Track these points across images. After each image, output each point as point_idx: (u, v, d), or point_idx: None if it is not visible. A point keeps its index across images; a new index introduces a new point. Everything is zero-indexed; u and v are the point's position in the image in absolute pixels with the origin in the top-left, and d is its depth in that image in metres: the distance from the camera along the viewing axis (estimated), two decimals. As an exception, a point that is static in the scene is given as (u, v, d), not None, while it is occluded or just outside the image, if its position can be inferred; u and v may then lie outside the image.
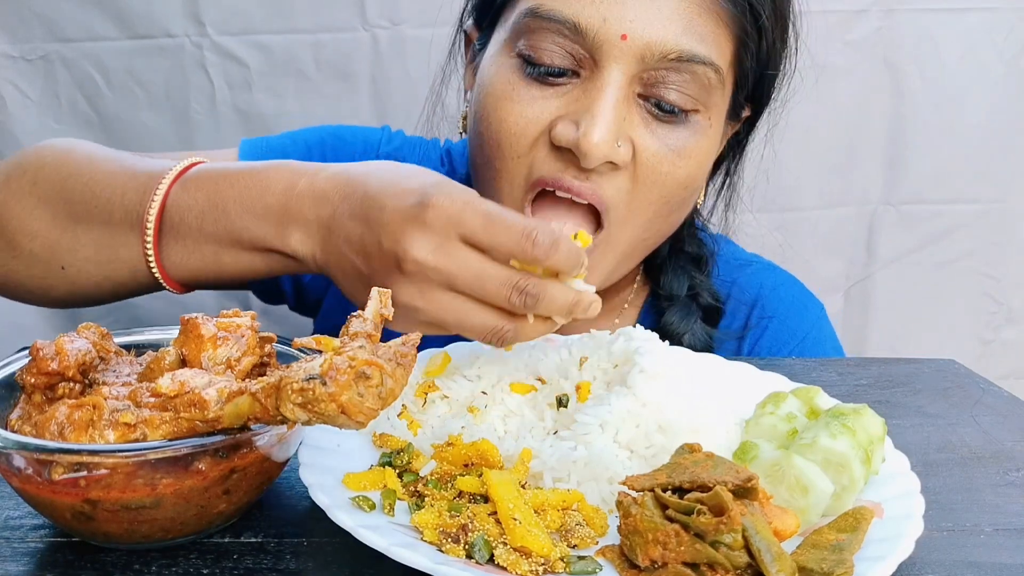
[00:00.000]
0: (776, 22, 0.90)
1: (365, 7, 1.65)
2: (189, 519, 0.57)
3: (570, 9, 0.82)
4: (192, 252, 0.80)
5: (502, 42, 0.90)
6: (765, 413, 0.72)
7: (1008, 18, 1.70)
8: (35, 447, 0.53)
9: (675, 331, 1.04)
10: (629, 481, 0.59)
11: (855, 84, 1.70)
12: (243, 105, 1.69)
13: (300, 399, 0.51)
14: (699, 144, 0.89)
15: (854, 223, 1.81)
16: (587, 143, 0.81)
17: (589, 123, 0.81)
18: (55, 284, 0.86)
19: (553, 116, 0.85)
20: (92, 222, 0.83)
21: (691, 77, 0.84)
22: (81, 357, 0.61)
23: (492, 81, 0.89)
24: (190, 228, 0.79)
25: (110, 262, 0.83)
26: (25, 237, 0.85)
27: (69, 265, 0.84)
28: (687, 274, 1.08)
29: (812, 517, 0.61)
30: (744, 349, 1.10)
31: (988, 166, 1.78)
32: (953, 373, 0.97)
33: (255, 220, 0.77)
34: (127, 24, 1.64)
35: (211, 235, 0.79)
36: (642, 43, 0.82)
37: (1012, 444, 0.79)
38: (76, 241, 0.83)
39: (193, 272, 0.81)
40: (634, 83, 0.84)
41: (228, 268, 0.80)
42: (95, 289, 0.86)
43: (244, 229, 0.78)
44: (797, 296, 1.15)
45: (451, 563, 0.53)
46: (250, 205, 0.77)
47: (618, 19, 0.81)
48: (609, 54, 0.82)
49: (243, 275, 0.81)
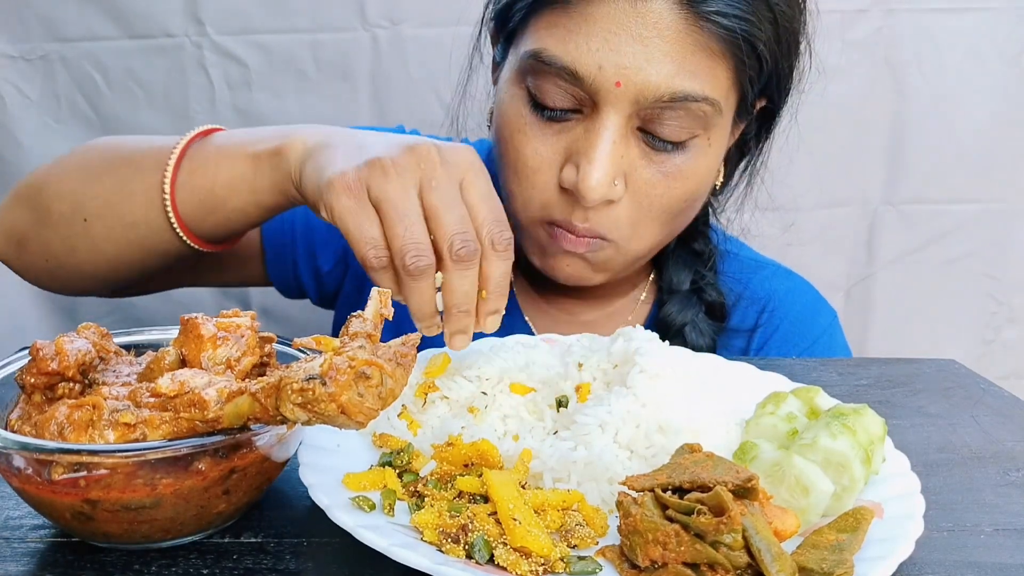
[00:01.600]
0: (779, 41, 0.91)
1: (365, 7, 1.64)
2: (189, 519, 0.57)
3: (568, 57, 0.87)
4: (201, 172, 0.86)
5: (514, 71, 0.94)
6: (765, 413, 0.72)
7: (1008, 18, 1.70)
8: (35, 447, 0.53)
9: (673, 322, 1.06)
10: (629, 481, 0.59)
11: (855, 84, 1.70)
12: (243, 105, 1.69)
13: (300, 399, 0.51)
14: (697, 164, 0.92)
15: (854, 223, 1.81)
16: (585, 187, 0.88)
17: (587, 167, 0.88)
18: (78, 244, 0.91)
19: (562, 156, 0.91)
20: (119, 166, 0.90)
21: (685, 112, 0.87)
22: (81, 357, 0.61)
23: (506, 110, 0.95)
24: (206, 156, 0.87)
25: (124, 201, 0.88)
26: (57, 200, 0.91)
27: (90, 214, 0.90)
28: (689, 268, 1.09)
29: (812, 517, 0.61)
30: (752, 348, 1.10)
31: (988, 166, 1.77)
32: (954, 373, 0.97)
33: (265, 136, 0.85)
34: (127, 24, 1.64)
35: (221, 153, 0.86)
36: (636, 89, 0.86)
37: (1012, 444, 0.79)
38: (101, 187, 0.90)
39: (200, 198, 0.86)
40: (632, 119, 0.89)
41: (231, 184, 0.85)
42: (108, 239, 0.90)
43: (253, 143, 0.85)
44: (811, 301, 1.16)
45: (451, 563, 0.53)
46: (265, 131, 0.87)
47: (613, 66, 0.85)
48: (605, 100, 0.87)
49: (241, 192, 0.85)
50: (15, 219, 0.95)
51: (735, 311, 1.10)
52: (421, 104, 1.69)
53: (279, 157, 0.82)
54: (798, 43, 0.96)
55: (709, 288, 1.09)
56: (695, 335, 1.05)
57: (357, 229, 0.69)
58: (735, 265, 1.13)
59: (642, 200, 0.92)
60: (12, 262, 0.98)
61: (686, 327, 1.06)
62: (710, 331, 1.07)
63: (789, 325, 1.11)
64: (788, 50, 0.94)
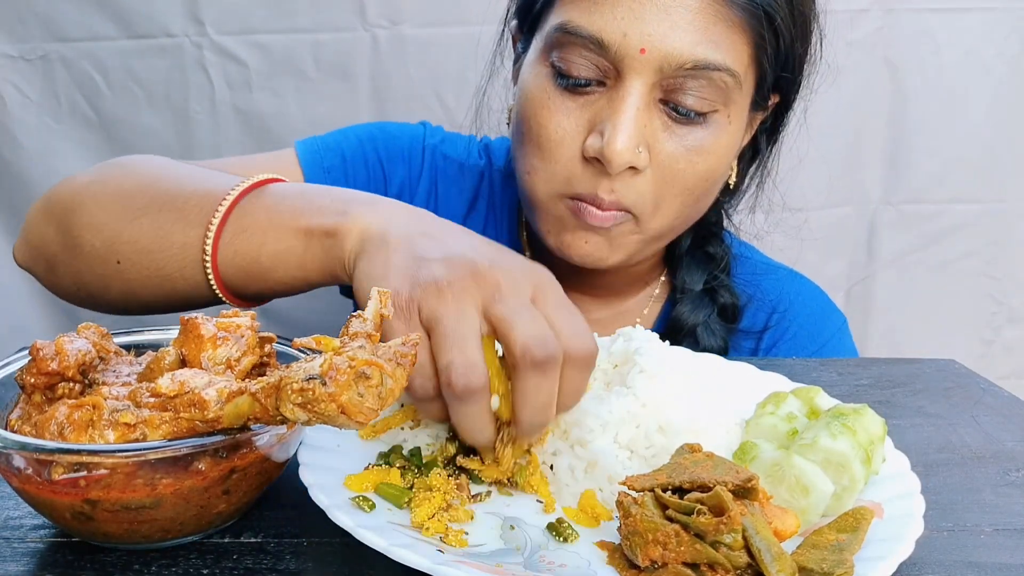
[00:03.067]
0: (794, 21, 0.93)
1: (365, 7, 1.65)
2: (189, 519, 0.57)
3: (594, 26, 0.88)
4: (248, 238, 0.79)
5: (539, 51, 0.95)
6: (765, 413, 0.72)
7: (1008, 18, 1.70)
8: (35, 447, 0.53)
9: (684, 322, 1.07)
10: (629, 481, 0.59)
11: (856, 84, 1.70)
12: (243, 105, 1.69)
13: (300, 399, 0.51)
14: (718, 140, 0.93)
15: (854, 223, 1.81)
16: (610, 151, 0.88)
17: (612, 133, 0.88)
18: (111, 283, 0.87)
19: (585, 129, 0.92)
20: (160, 209, 0.83)
21: (707, 82, 0.89)
22: (81, 357, 0.61)
23: (530, 88, 0.95)
24: (255, 219, 0.79)
25: (162, 250, 0.82)
26: (90, 232, 0.86)
27: (124, 258, 0.84)
28: (703, 270, 1.10)
29: (812, 517, 0.61)
30: (762, 349, 1.11)
31: (988, 166, 1.77)
32: (954, 373, 0.97)
33: (321, 206, 0.77)
34: (127, 24, 1.64)
35: (271, 220, 0.78)
36: (660, 55, 0.87)
37: (1013, 444, 0.79)
38: (138, 230, 0.83)
39: (244, 265, 0.79)
40: (655, 90, 0.90)
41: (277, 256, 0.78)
42: (144, 287, 0.85)
43: (307, 213, 0.77)
44: (821, 306, 1.16)
45: (451, 563, 0.53)
46: (322, 197, 0.78)
47: (637, 34, 0.87)
48: (630, 67, 0.88)
49: (289, 267, 0.78)
50: (43, 235, 0.91)
51: (745, 313, 1.11)
52: (421, 104, 1.69)
53: (333, 240, 0.74)
54: (810, 29, 0.98)
55: (722, 290, 1.09)
56: (707, 336, 1.06)
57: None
58: (746, 268, 1.14)
59: (665, 174, 0.92)
60: (40, 277, 0.95)
61: (698, 328, 1.07)
62: (722, 332, 1.08)
63: (798, 328, 1.11)
64: (801, 32, 0.96)
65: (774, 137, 1.07)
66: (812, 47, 0.99)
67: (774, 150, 1.08)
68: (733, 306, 1.09)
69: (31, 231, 0.93)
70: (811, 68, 1.01)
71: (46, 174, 1.68)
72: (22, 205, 1.67)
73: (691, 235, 1.09)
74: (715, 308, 1.09)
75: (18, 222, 1.13)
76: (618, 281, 1.10)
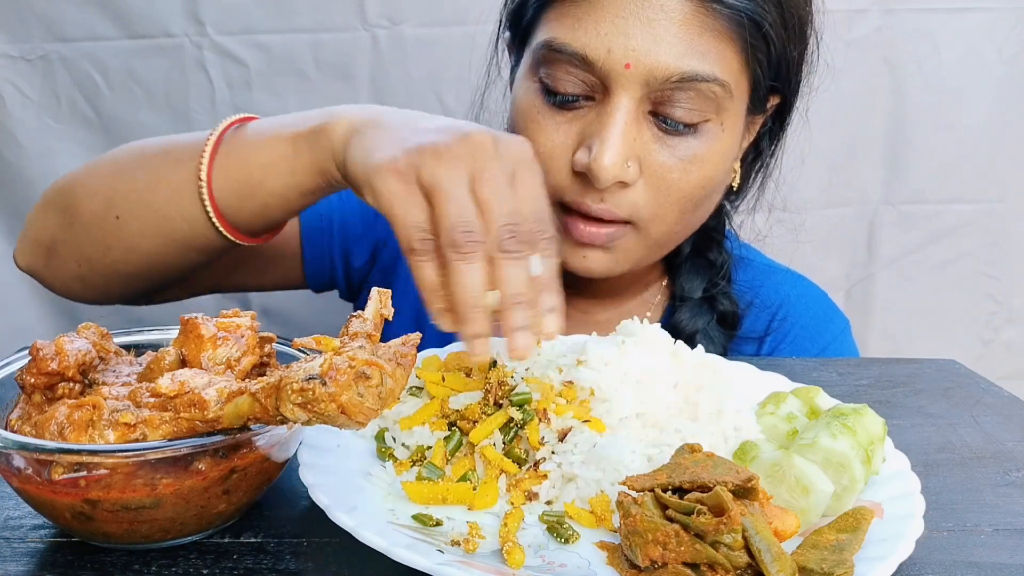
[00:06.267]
0: (785, 25, 0.92)
1: (365, 7, 1.64)
2: (189, 519, 0.57)
3: (578, 42, 0.88)
4: (238, 154, 0.84)
5: (528, 66, 0.96)
6: (765, 413, 0.72)
7: (1008, 18, 1.70)
8: (35, 447, 0.53)
9: (684, 329, 1.06)
10: (629, 481, 0.59)
11: (855, 84, 1.70)
12: (243, 105, 1.69)
13: (300, 399, 0.51)
14: (712, 148, 0.92)
15: (854, 223, 1.80)
16: (598, 167, 0.88)
17: (599, 149, 0.88)
18: (111, 243, 0.89)
19: (575, 143, 0.92)
20: (152, 160, 0.89)
21: (696, 94, 0.88)
22: (81, 357, 0.61)
23: (520, 103, 0.96)
24: (242, 140, 0.85)
25: (159, 192, 0.86)
26: (87, 198, 0.90)
27: (123, 211, 0.88)
28: (703, 277, 1.09)
29: (812, 517, 0.61)
30: (763, 353, 1.10)
31: (988, 166, 1.77)
32: (954, 373, 0.97)
33: (306, 116, 0.82)
34: (127, 24, 1.64)
35: (259, 138, 0.84)
36: (645, 70, 0.87)
37: (1012, 444, 0.79)
38: (133, 181, 0.88)
39: (237, 183, 0.84)
40: (644, 103, 0.89)
41: (269, 166, 0.83)
42: (143, 236, 0.88)
43: (293, 124, 0.82)
44: (823, 308, 1.16)
45: (451, 563, 0.53)
46: (305, 113, 0.83)
47: (622, 49, 0.87)
48: (616, 82, 0.88)
49: (280, 172, 0.82)
50: (44, 226, 0.93)
51: (746, 317, 1.10)
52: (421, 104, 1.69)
53: (321, 135, 0.79)
54: (805, 32, 0.97)
55: (722, 297, 1.09)
56: (706, 343, 1.05)
57: (404, 214, 0.66)
58: (748, 271, 1.13)
59: (659, 184, 0.91)
60: (40, 272, 0.96)
61: (697, 335, 1.06)
62: (721, 339, 1.08)
63: (800, 331, 1.11)
64: (795, 35, 0.95)
65: (776, 138, 1.06)
66: (809, 48, 0.98)
67: (776, 150, 1.07)
68: (732, 314, 1.09)
69: (31, 227, 0.95)
70: (809, 69, 1.00)
71: (46, 174, 1.68)
72: (22, 205, 1.67)
73: (691, 242, 1.09)
74: (714, 315, 1.08)
75: (18, 222, 1.13)
76: (620, 284, 1.10)
